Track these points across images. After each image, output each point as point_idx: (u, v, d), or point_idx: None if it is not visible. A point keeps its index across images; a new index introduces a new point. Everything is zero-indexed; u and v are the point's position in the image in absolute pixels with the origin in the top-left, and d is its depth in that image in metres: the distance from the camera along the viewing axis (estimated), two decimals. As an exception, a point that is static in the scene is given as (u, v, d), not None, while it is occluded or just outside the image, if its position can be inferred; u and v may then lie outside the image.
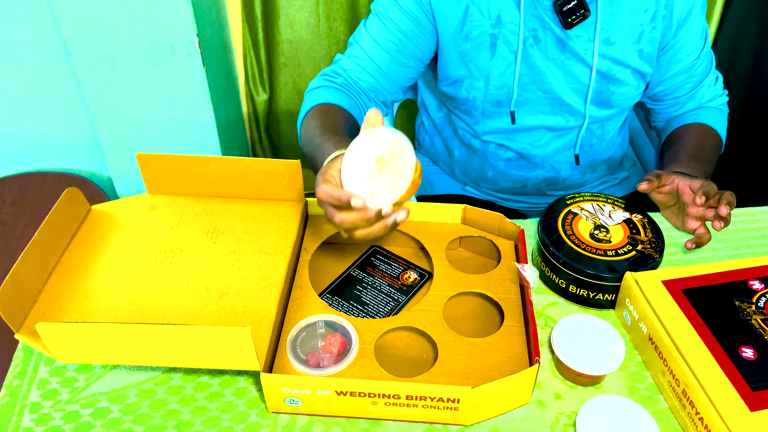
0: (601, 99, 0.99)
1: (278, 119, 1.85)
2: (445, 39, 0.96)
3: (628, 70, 0.97)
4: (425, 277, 0.82)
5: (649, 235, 0.81)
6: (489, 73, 0.97)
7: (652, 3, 0.94)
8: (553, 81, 0.97)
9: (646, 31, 0.96)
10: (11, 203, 1.51)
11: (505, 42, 0.94)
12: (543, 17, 0.93)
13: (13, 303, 0.68)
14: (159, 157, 0.82)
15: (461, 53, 0.96)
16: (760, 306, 0.72)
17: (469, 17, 0.94)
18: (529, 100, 0.99)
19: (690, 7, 0.96)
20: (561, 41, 0.94)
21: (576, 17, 0.91)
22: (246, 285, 0.73)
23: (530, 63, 0.96)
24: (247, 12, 1.62)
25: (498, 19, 0.93)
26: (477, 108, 1.01)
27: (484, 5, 0.93)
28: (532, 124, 1.01)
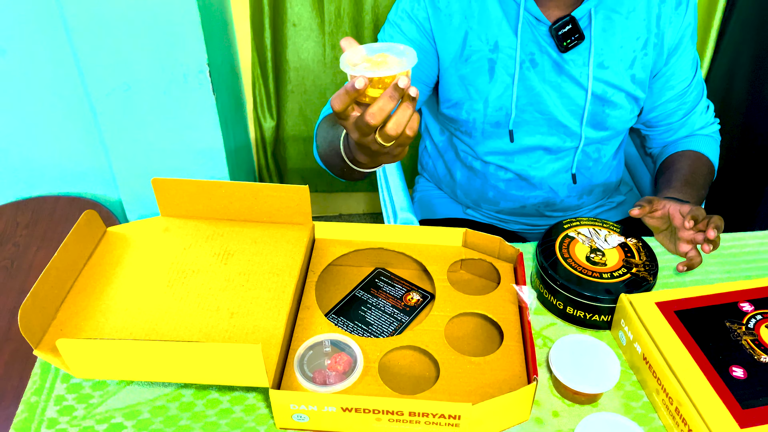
0: (597, 121, 1.03)
1: (285, 145, 1.90)
2: (445, 63, 1.01)
3: (622, 94, 1.01)
4: (427, 298, 0.85)
5: (643, 259, 0.84)
6: (488, 95, 1.01)
7: (644, 31, 0.99)
8: (550, 102, 1.01)
9: (638, 58, 1.00)
10: (24, 226, 1.54)
11: (502, 66, 0.99)
12: (540, 41, 0.98)
13: (33, 320, 0.71)
14: (173, 181, 0.86)
15: (461, 77, 1.01)
16: (750, 327, 0.74)
17: (468, 43, 0.99)
18: (526, 121, 1.03)
19: (680, 36, 1.01)
20: (557, 64, 0.99)
21: (571, 41, 0.96)
22: (255, 305, 0.76)
23: (528, 85, 1.00)
24: (256, 41, 1.68)
25: (496, 44, 0.98)
26: (477, 129, 1.05)
27: (482, 32, 0.98)
28: (530, 144, 1.05)
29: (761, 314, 0.76)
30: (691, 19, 1.01)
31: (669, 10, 0.99)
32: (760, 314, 0.76)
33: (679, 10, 1.00)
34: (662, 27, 1.00)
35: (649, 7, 0.99)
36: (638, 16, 0.99)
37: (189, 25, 1.34)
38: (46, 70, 1.49)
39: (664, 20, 1.00)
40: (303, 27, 1.68)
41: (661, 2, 0.99)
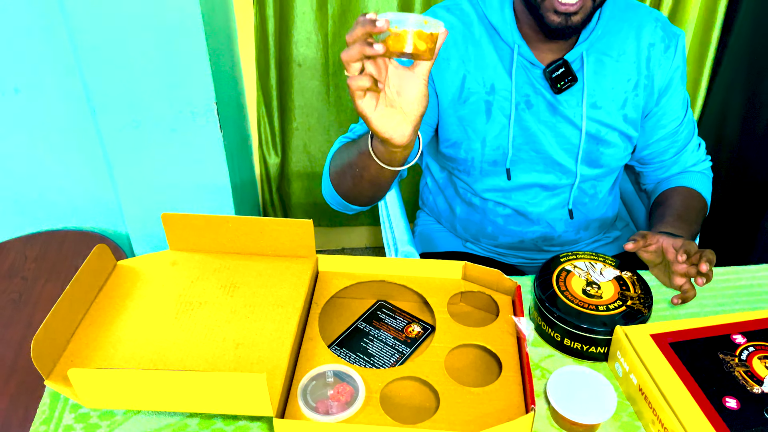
0: (591, 159, 1.07)
1: (289, 181, 1.94)
2: (444, 104, 1.05)
3: (615, 133, 1.05)
4: (428, 330, 0.87)
5: (638, 292, 0.86)
6: (485, 135, 1.04)
7: (634, 73, 1.03)
8: (545, 142, 1.05)
9: (630, 98, 1.04)
10: (33, 259, 1.57)
11: (499, 107, 1.03)
12: (535, 84, 1.02)
13: (44, 351, 0.73)
14: (181, 216, 0.89)
15: (459, 117, 1.05)
16: (743, 359, 0.76)
17: (466, 85, 1.03)
18: (523, 159, 1.06)
19: (670, 78, 1.05)
20: (552, 105, 1.03)
21: (565, 83, 1.00)
22: (260, 336, 0.78)
23: (524, 126, 1.04)
24: (262, 81, 1.73)
25: (492, 87, 1.02)
26: (475, 167, 1.08)
27: (479, 75, 1.02)
28: (527, 181, 1.09)
29: (753, 346, 0.78)
30: (680, 62, 1.06)
31: (658, 53, 1.04)
32: (752, 346, 0.78)
33: (668, 53, 1.04)
34: (652, 69, 1.04)
35: (639, 51, 1.03)
36: (628, 59, 1.03)
37: (198, 64, 1.39)
38: (58, 107, 1.54)
39: (654, 63, 1.04)
40: (308, 67, 1.73)
41: (650, 46, 1.03)
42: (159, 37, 1.36)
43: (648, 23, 1.04)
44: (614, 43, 1.02)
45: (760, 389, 0.73)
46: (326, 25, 1.67)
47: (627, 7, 1.05)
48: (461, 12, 1.04)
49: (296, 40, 1.69)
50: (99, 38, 1.34)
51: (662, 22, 1.05)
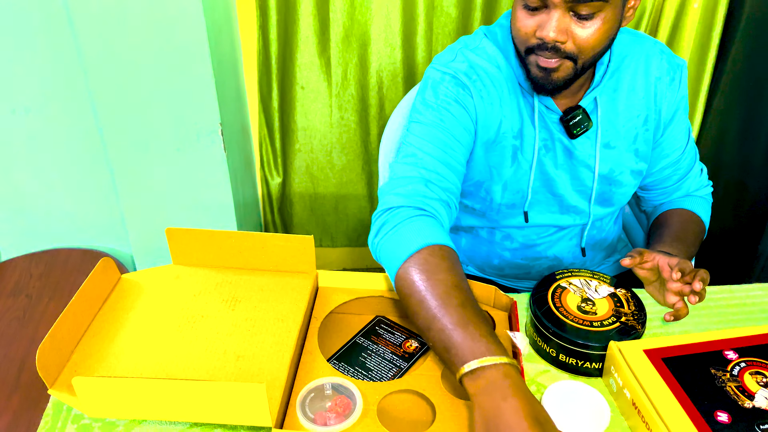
0: (604, 199, 1.07)
1: (291, 201, 1.96)
2: (478, 146, 1.01)
3: (627, 171, 1.05)
4: (425, 346, 0.88)
5: (632, 308, 0.87)
6: (507, 179, 1.03)
7: (643, 108, 1.03)
8: (562, 185, 1.05)
9: (640, 133, 1.04)
10: (38, 277, 1.59)
11: (522, 152, 1.02)
12: (551, 129, 1.01)
13: (49, 361, 0.75)
14: (185, 231, 0.91)
15: (488, 159, 1.02)
16: (734, 374, 0.77)
17: (501, 129, 1.00)
18: (539, 201, 1.06)
19: (675, 110, 1.05)
20: (568, 150, 1.02)
21: (581, 129, 0.99)
22: (261, 349, 0.80)
23: (543, 170, 1.03)
24: (264, 104, 1.77)
25: (519, 131, 1.01)
26: (493, 209, 1.07)
27: (511, 120, 1.00)
28: (542, 222, 1.09)
29: (745, 362, 0.79)
30: (684, 93, 1.06)
31: (664, 87, 1.03)
32: (743, 362, 0.79)
33: (672, 85, 1.04)
34: (659, 103, 1.04)
35: (647, 86, 1.02)
36: (637, 95, 1.02)
37: (204, 87, 1.43)
38: (67, 128, 1.58)
39: (660, 96, 1.03)
40: (311, 90, 1.77)
41: (657, 80, 1.03)
42: (167, 61, 1.40)
43: (654, 56, 1.03)
44: (623, 79, 1.01)
45: (751, 404, 0.74)
46: (329, 48, 1.71)
47: (632, 41, 1.03)
48: (487, 55, 1.00)
49: (300, 63, 1.73)
50: (108, 60, 1.38)
51: (667, 55, 1.05)
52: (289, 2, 1.64)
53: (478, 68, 0.98)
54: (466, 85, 0.97)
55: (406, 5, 1.66)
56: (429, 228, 0.82)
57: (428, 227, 0.82)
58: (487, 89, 0.98)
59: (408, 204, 0.86)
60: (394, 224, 0.84)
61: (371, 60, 1.73)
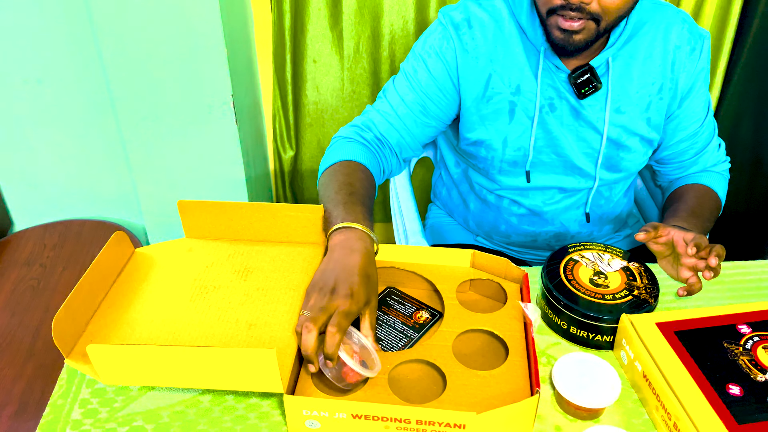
0: (611, 164, 1.07)
1: (302, 175, 1.96)
2: (467, 102, 1.04)
3: (636, 138, 1.04)
4: (437, 317, 0.89)
5: (645, 282, 0.87)
6: (507, 136, 1.04)
7: (659, 76, 1.02)
8: (567, 146, 1.04)
9: (654, 102, 1.03)
10: (52, 248, 1.61)
11: (523, 108, 1.02)
12: (559, 88, 1.01)
13: (65, 331, 0.76)
14: (197, 203, 0.91)
15: (482, 117, 1.04)
16: (747, 348, 0.77)
17: (491, 85, 1.02)
18: (543, 162, 1.06)
19: (693, 81, 1.04)
20: (575, 110, 1.02)
21: (589, 89, 0.98)
22: (272, 317, 0.80)
23: (546, 129, 1.03)
24: (278, 76, 1.75)
25: (518, 88, 1.01)
26: (494, 167, 1.08)
27: (505, 75, 1.01)
28: (545, 184, 1.09)
29: (759, 336, 0.78)
30: (704, 64, 1.04)
31: (683, 56, 1.02)
32: (757, 336, 0.78)
33: (692, 55, 1.02)
34: (677, 72, 1.02)
35: (665, 53, 1.01)
36: (654, 62, 1.01)
37: (216, 60, 1.42)
38: (80, 99, 1.58)
39: (679, 66, 1.02)
40: (323, 63, 1.76)
41: (676, 48, 1.01)
42: (179, 34, 1.39)
43: (675, 24, 1.02)
44: (641, 45, 1.01)
45: (763, 377, 0.73)
46: (341, 21, 1.69)
47: (654, 8, 1.02)
48: (493, 8, 1.01)
49: (311, 36, 1.71)
50: (121, 33, 1.38)
51: (689, 24, 1.03)
52: (301, -27, 1.62)
53: (475, 20, 1.01)
54: (452, 37, 1.01)
55: (419, -23, 1.63)
56: (345, 149, 1.01)
57: (345, 149, 1.02)
58: (476, 43, 1.01)
59: (343, 135, 1.05)
60: (329, 148, 1.05)
61: (384, 33, 1.71)
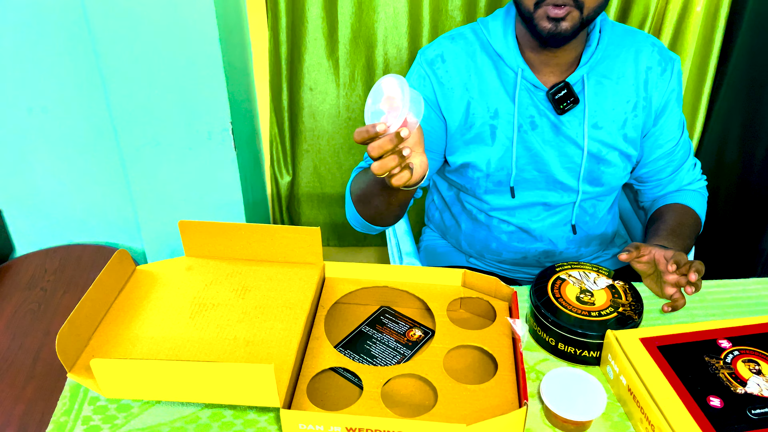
0: (593, 177, 1.12)
1: (299, 200, 2.00)
2: (451, 130, 1.10)
3: (615, 152, 1.10)
4: (429, 334, 0.91)
5: (629, 299, 0.90)
6: (490, 157, 1.10)
7: (633, 94, 1.09)
8: (549, 161, 1.10)
9: (629, 119, 1.09)
10: (52, 272, 1.63)
11: (503, 130, 1.08)
12: (539, 106, 1.07)
13: (68, 346, 0.78)
14: (197, 224, 0.95)
15: (465, 142, 1.10)
16: (728, 362, 0.80)
17: (470, 111, 1.08)
18: (526, 179, 1.11)
19: (666, 100, 1.11)
20: (555, 126, 1.08)
21: (567, 104, 1.05)
22: (269, 335, 0.83)
23: (528, 146, 1.09)
24: (275, 104, 1.80)
25: (496, 111, 1.08)
26: (480, 187, 1.13)
27: (482, 101, 1.08)
28: (530, 200, 1.14)
29: (738, 350, 0.81)
30: (675, 85, 1.11)
31: (655, 76, 1.09)
32: (737, 350, 0.81)
33: (664, 76, 1.10)
34: (650, 91, 1.09)
35: (637, 73, 1.09)
36: (627, 81, 1.08)
37: (216, 89, 1.47)
38: (82, 126, 1.62)
39: (651, 85, 1.09)
40: (319, 91, 1.81)
41: (647, 69, 1.09)
42: (180, 62, 1.44)
43: (645, 48, 1.10)
44: (614, 66, 1.08)
45: (743, 390, 0.76)
46: (337, 50, 1.75)
47: (625, 33, 1.11)
48: (465, 41, 1.10)
49: (308, 65, 1.76)
50: (123, 61, 1.42)
51: (658, 47, 1.11)
52: (297, 4, 1.68)
53: (448, 54, 1.09)
54: (428, 74, 1.09)
55: (412, 8, 1.69)
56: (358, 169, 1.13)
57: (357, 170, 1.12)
58: (451, 75, 1.08)
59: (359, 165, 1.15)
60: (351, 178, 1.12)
61: (378, 61, 1.76)
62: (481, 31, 1.09)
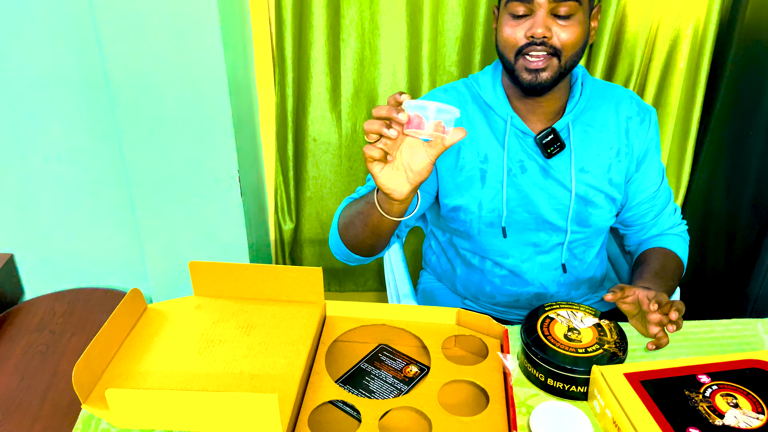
0: (581, 218, 1.18)
1: (301, 246, 2.06)
2: (442, 173, 1.18)
3: (602, 195, 1.17)
4: (425, 371, 0.96)
5: (615, 337, 0.95)
6: (481, 199, 1.17)
7: (615, 142, 1.17)
8: (539, 203, 1.16)
9: (613, 164, 1.17)
10: (61, 315, 1.68)
11: (493, 174, 1.15)
12: (528, 150, 1.15)
13: (83, 378, 0.83)
14: (206, 264, 1.01)
15: (457, 185, 1.17)
16: (707, 396, 0.84)
17: (461, 155, 1.16)
18: (517, 221, 1.18)
19: (646, 147, 1.19)
20: (544, 170, 1.15)
21: (554, 148, 1.13)
22: (273, 369, 0.88)
23: (518, 188, 1.16)
24: (281, 154, 1.89)
25: (486, 156, 1.15)
26: (473, 228, 1.20)
27: (473, 146, 1.15)
28: (522, 240, 1.20)
29: (717, 385, 0.86)
30: (653, 134, 1.20)
31: (635, 125, 1.18)
32: (716, 385, 0.86)
33: (643, 125, 1.18)
34: (631, 138, 1.18)
35: (618, 123, 1.17)
36: (609, 130, 1.17)
37: (224, 139, 1.55)
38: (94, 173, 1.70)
39: (632, 133, 1.18)
40: (322, 142, 1.89)
41: (627, 118, 1.18)
42: (192, 114, 1.52)
43: (624, 100, 1.19)
44: (596, 116, 1.17)
45: (721, 422, 0.80)
46: (339, 104, 1.84)
47: (605, 87, 1.21)
48: (457, 93, 1.19)
49: (312, 117, 1.86)
50: (138, 113, 1.51)
51: (636, 100, 1.21)
52: (303, 60, 1.78)
53: None
54: None
55: (411, 65, 1.79)
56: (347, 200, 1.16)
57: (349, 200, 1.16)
58: None
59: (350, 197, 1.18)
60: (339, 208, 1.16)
61: (379, 114, 1.86)
62: (472, 85, 1.18)
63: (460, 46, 1.78)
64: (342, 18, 1.74)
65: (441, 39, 1.77)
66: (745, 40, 1.64)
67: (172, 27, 1.42)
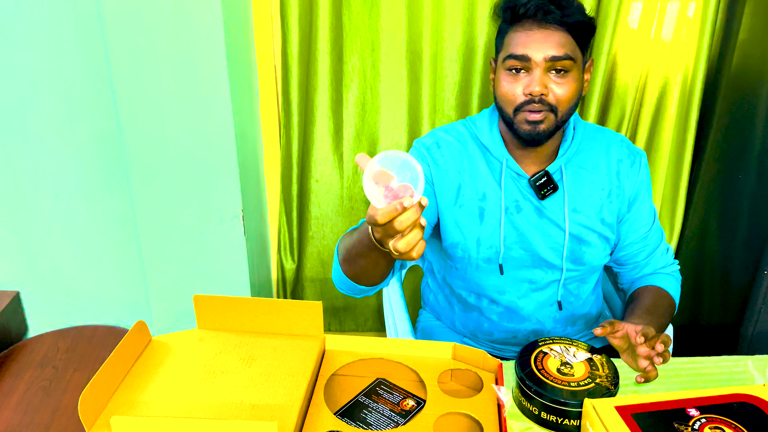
0: (575, 257, 1.22)
1: (303, 285, 2.09)
2: (443, 207, 1.22)
3: (595, 234, 1.21)
4: (421, 404, 0.98)
5: (606, 371, 0.97)
6: (479, 236, 1.20)
7: (607, 183, 1.21)
8: (534, 242, 1.20)
9: (605, 204, 1.21)
10: (64, 351, 1.70)
11: (491, 211, 1.20)
12: (522, 191, 1.19)
13: (89, 407, 0.86)
14: (210, 298, 1.04)
15: (456, 221, 1.21)
16: (695, 428, 0.86)
17: (461, 193, 1.20)
18: (513, 257, 1.21)
19: (637, 189, 1.23)
20: (539, 210, 1.19)
21: (547, 190, 1.17)
22: (273, 400, 0.90)
23: (515, 227, 1.20)
24: (285, 194, 1.94)
25: (484, 194, 1.20)
26: (471, 264, 1.23)
27: (473, 184, 1.20)
28: (518, 277, 1.23)
29: (705, 417, 0.88)
30: (644, 176, 1.24)
31: (626, 168, 1.23)
32: (704, 418, 0.88)
33: (633, 167, 1.23)
34: (622, 180, 1.22)
35: (609, 165, 1.22)
36: (601, 172, 1.21)
37: (229, 179, 1.61)
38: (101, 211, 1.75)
39: (623, 175, 1.22)
40: (324, 182, 1.95)
41: (618, 161, 1.23)
42: (199, 155, 1.58)
43: (615, 143, 1.24)
44: (588, 158, 1.22)
45: (709, 454, 0.82)
46: (341, 146, 1.91)
47: (596, 131, 1.26)
48: (458, 133, 1.24)
49: (315, 159, 1.92)
50: (147, 154, 1.57)
51: (626, 143, 1.26)
52: (309, 105, 1.85)
53: (443, 142, 1.22)
54: (426, 155, 1.21)
55: (411, 109, 1.86)
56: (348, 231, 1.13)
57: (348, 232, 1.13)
58: (446, 159, 1.20)
59: None
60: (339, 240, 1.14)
61: (379, 156, 1.92)
62: (470, 126, 1.24)
63: (458, 91, 1.85)
64: (345, 64, 1.82)
65: (440, 84, 1.84)
66: (732, 87, 1.71)
67: (182, 74, 1.49)
